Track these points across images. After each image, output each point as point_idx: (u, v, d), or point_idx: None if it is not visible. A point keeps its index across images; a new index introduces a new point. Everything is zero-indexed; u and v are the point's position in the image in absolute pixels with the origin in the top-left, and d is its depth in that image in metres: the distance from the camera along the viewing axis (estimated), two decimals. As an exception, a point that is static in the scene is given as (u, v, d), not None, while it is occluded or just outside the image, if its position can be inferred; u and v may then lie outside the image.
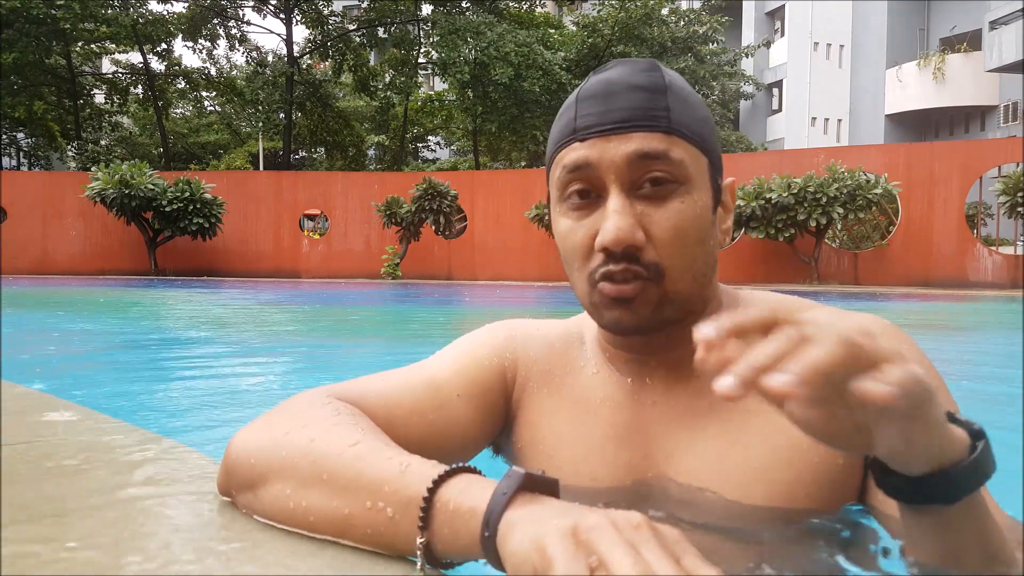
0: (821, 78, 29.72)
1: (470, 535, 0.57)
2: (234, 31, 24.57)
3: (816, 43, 29.77)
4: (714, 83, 24.29)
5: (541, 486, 0.58)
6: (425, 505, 0.60)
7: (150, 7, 23.17)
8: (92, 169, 15.76)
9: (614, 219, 0.77)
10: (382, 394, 0.87)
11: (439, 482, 0.60)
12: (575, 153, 0.80)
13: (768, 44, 26.84)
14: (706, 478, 0.80)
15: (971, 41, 27.08)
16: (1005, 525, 0.73)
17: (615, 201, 0.78)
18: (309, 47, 24.06)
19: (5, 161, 28.39)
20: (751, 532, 0.75)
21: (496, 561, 0.56)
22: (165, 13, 23.17)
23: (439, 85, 29.82)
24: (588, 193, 0.81)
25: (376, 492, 0.63)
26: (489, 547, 0.56)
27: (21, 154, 30.52)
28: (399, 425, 0.84)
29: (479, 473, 0.63)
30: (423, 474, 0.62)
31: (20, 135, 27.91)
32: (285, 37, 23.05)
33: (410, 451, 0.75)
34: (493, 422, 0.94)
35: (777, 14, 31.74)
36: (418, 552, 0.60)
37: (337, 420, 0.73)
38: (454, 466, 0.62)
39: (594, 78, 0.83)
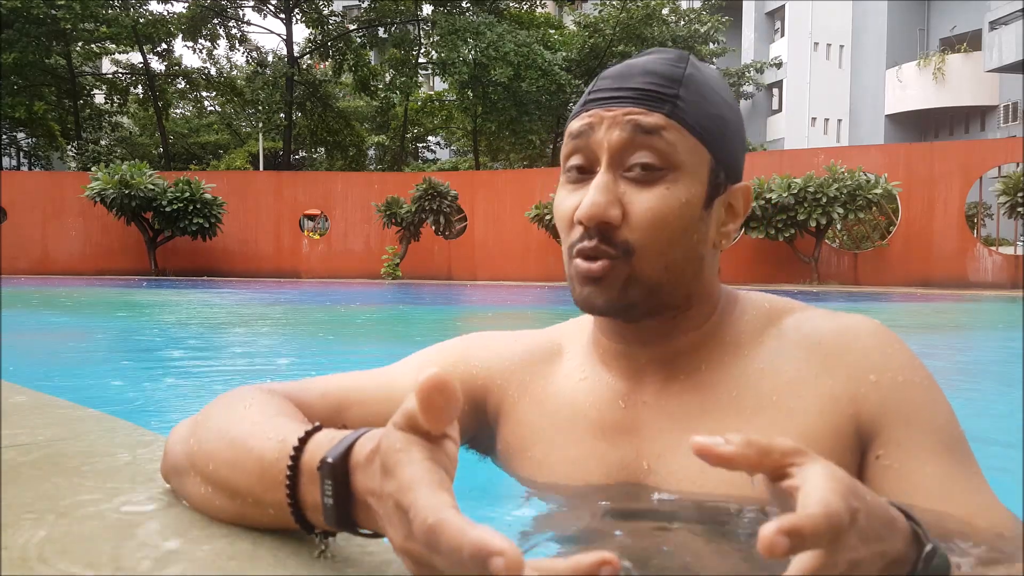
0: (821, 78, 29.73)
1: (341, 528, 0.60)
2: (234, 31, 24.58)
3: (816, 43, 29.78)
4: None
5: (340, 472, 0.57)
6: (295, 512, 0.61)
7: (150, 7, 23.20)
8: (92, 169, 15.76)
9: (592, 194, 0.79)
10: (324, 387, 0.89)
11: (293, 485, 0.61)
12: (578, 121, 0.83)
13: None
14: (698, 478, 0.80)
15: (971, 41, 27.08)
16: (1004, 522, 0.73)
17: (599, 177, 0.80)
18: (309, 47, 24.05)
19: (5, 161, 28.39)
20: (745, 531, 0.74)
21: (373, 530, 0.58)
22: (165, 13, 23.18)
23: (439, 85, 29.82)
24: (585, 169, 0.83)
25: (252, 493, 0.65)
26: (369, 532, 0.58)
27: (21, 154, 30.53)
28: (341, 416, 0.87)
29: (318, 430, 0.63)
30: (277, 474, 0.62)
31: (20, 135, 27.91)
32: (285, 37, 23.05)
33: None
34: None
35: (777, 14, 31.73)
36: (322, 548, 0.63)
37: (234, 406, 0.75)
38: (295, 446, 0.62)
39: (622, 62, 0.86)
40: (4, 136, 26.23)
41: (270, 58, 25.54)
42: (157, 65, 24.63)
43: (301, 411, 0.80)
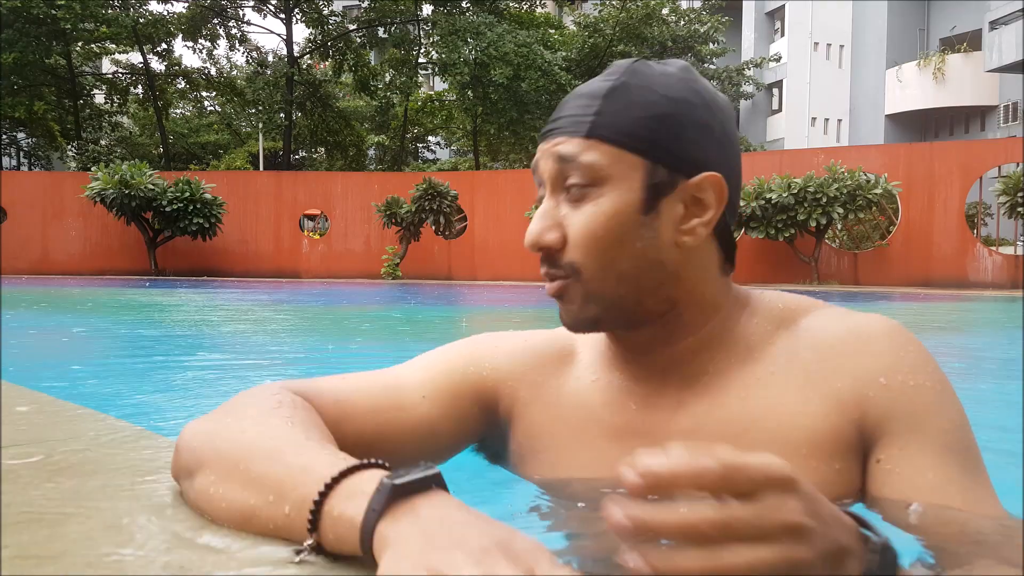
0: (821, 78, 29.73)
1: (352, 544, 0.57)
2: (234, 31, 24.59)
3: (816, 43, 29.78)
4: (714, 81, 24.38)
5: (416, 488, 0.56)
6: (315, 509, 0.59)
7: (150, 7, 23.19)
8: (92, 169, 15.76)
9: (532, 223, 0.84)
10: (337, 391, 0.88)
11: (331, 486, 0.60)
12: (535, 156, 0.88)
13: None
14: None
15: (971, 41, 27.08)
16: (1006, 529, 0.72)
17: (542, 205, 0.85)
18: (309, 47, 24.07)
19: (5, 161, 28.41)
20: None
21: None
22: (165, 13, 23.18)
23: (439, 85, 29.83)
24: (543, 200, 0.87)
25: (277, 488, 0.63)
26: (370, 556, 0.55)
27: (21, 154, 30.54)
28: (351, 422, 0.86)
29: (385, 468, 0.61)
30: (320, 475, 0.61)
31: (20, 135, 27.92)
32: (285, 37, 23.06)
33: (362, 448, 0.76)
34: (464, 429, 0.95)
35: (777, 14, 31.74)
36: (304, 550, 0.60)
37: (273, 412, 0.74)
38: (356, 463, 0.61)
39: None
40: (4, 136, 26.23)
41: (270, 58, 25.56)
42: (157, 65, 24.65)
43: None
